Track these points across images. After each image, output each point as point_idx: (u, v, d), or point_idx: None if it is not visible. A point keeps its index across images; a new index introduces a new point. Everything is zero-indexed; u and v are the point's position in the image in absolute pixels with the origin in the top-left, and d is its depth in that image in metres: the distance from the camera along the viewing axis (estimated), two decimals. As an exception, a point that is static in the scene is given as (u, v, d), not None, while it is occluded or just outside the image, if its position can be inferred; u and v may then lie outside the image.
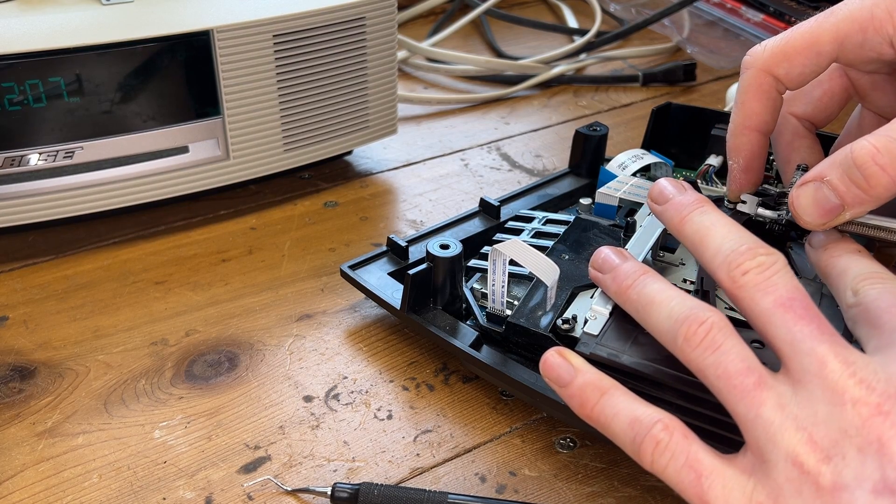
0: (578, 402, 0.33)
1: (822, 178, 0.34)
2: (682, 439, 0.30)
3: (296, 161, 0.59)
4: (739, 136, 0.40)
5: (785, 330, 0.30)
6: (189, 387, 0.45)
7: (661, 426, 0.30)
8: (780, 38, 0.38)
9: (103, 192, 0.52)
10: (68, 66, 0.48)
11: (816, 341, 0.29)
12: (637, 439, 0.30)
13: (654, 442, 0.30)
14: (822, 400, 0.28)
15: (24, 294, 0.51)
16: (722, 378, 0.30)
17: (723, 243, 0.32)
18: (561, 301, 0.42)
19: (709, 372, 0.30)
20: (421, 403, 0.44)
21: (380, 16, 0.57)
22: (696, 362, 0.31)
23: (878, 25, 0.35)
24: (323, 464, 0.40)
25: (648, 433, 0.30)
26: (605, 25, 0.90)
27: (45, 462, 0.40)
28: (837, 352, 0.29)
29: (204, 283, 0.52)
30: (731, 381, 0.30)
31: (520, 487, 0.40)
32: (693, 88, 0.79)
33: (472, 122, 0.72)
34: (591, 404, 0.32)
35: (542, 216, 0.51)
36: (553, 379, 0.34)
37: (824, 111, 0.42)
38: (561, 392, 0.33)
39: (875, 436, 0.27)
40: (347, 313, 0.50)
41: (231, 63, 0.52)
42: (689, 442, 0.30)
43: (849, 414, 0.28)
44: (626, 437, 0.31)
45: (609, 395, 0.32)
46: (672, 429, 0.30)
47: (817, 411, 0.28)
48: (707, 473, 0.29)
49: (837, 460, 0.27)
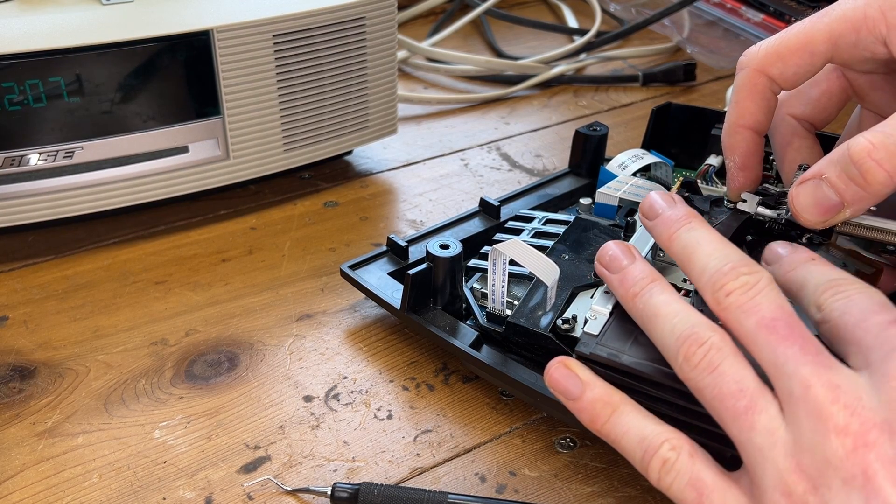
0: (589, 417, 0.33)
1: (821, 176, 0.34)
2: (687, 458, 0.31)
3: (296, 161, 0.59)
4: (734, 134, 0.41)
5: (769, 351, 0.30)
6: (189, 387, 0.45)
7: (668, 446, 0.31)
8: (774, 38, 0.38)
9: (103, 192, 0.52)
10: (68, 66, 0.48)
11: (799, 363, 0.29)
12: (646, 457, 0.31)
13: (662, 461, 0.31)
14: (808, 426, 0.28)
15: (24, 294, 0.51)
16: (716, 399, 0.30)
17: (707, 262, 0.33)
18: (561, 301, 0.42)
19: (705, 393, 0.31)
20: (421, 403, 0.44)
21: (380, 16, 0.57)
22: (693, 382, 0.31)
23: (872, 25, 0.35)
24: (323, 464, 0.40)
25: (657, 452, 0.31)
26: (605, 25, 0.90)
27: (45, 462, 0.40)
28: (821, 374, 0.28)
29: (204, 283, 0.52)
30: (724, 402, 0.30)
31: (520, 487, 0.40)
32: (693, 88, 0.79)
33: (472, 122, 0.72)
34: (601, 420, 0.33)
35: (542, 216, 0.51)
36: (561, 392, 0.34)
37: (823, 112, 0.42)
38: (570, 405, 0.34)
39: (860, 468, 0.27)
40: (347, 313, 0.50)
41: (231, 63, 0.52)
42: (693, 461, 0.31)
43: (833, 444, 0.27)
44: (635, 454, 0.32)
45: (619, 413, 0.33)
46: (679, 448, 0.31)
47: (804, 437, 0.28)
48: (708, 493, 0.30)
49: (824, 491, 0.27)
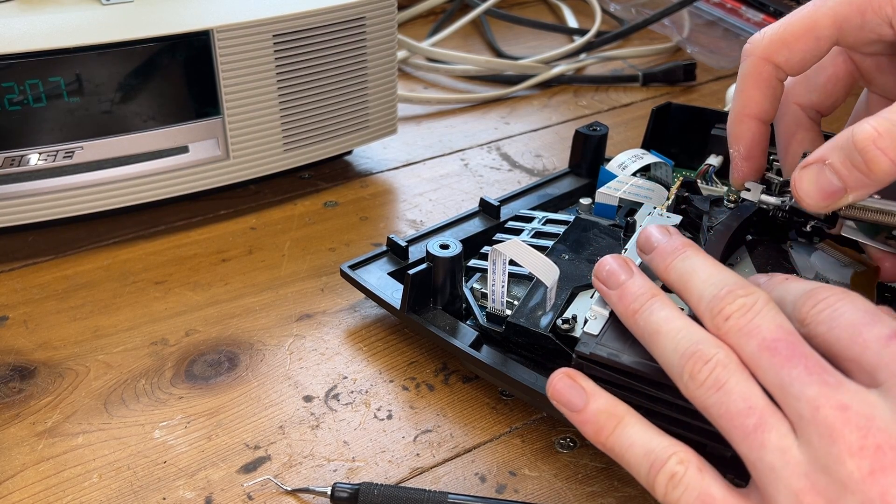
0: (593, 430, 0.33)
1: (824, 161, 0.34)
2: (696, 473, 0.30)
3: (296, 161, 0.59)
4: (739, 123, 0.40)
5: (773, 374, 0.29)
6: (189, 387, 0.45)
7: (676, 459, 0.30)
8: (778, 24, 0.38)
9: (103, 192, 0.52)
10: (68, 66, 0.48)
11: (805, 384, 0.28)
12: (652, 471, 0.31)
13: (669, 475, 0.30)
14: (821, 448, 0.27)
15: (24, 294, 0.51)
16: (724, 417, 0.29)
17: (704, 289, 0.32)
18: (561, 301, 0.42)
19: (712, 411, 0.30)
20: (421, 403, 0.44)
21: (380, 16, 0.57)
22: (700, 400, 0.30)
23: (877, 7, 0.35)
24: (323, 464, 0.40)
25: (664, 466, 0.30)
26: (605, 25, 0.90)
27: (45, 462, 0.40)
28: (829, 395, 0.28)
29: (204, 283, 0.52)
30: (732, 421, 0.29)
31: (520, 487, 0.40)
32: (693, 88, 0.79)
33: (472, 122, 0.72)
34: (605, 433, 0.32)
35: (542, 216, 0.51)
36: (564, 403, 0.33)
37: (830, 97, 0.42)
38: (573, 417, 0.33)
39: (877, 492, 0.26)
40: (347, 313, 0.50)
41: (231, 63, 0.52)
42: (702, 475, 0.30)
43: (849, 466, 0.27)
44: (640, 468, 0.31)
45: (624, 425, 0.32)
46: (687, 462, 0.30)
47: (818, 458, 0.27)
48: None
49: None
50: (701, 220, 0.44)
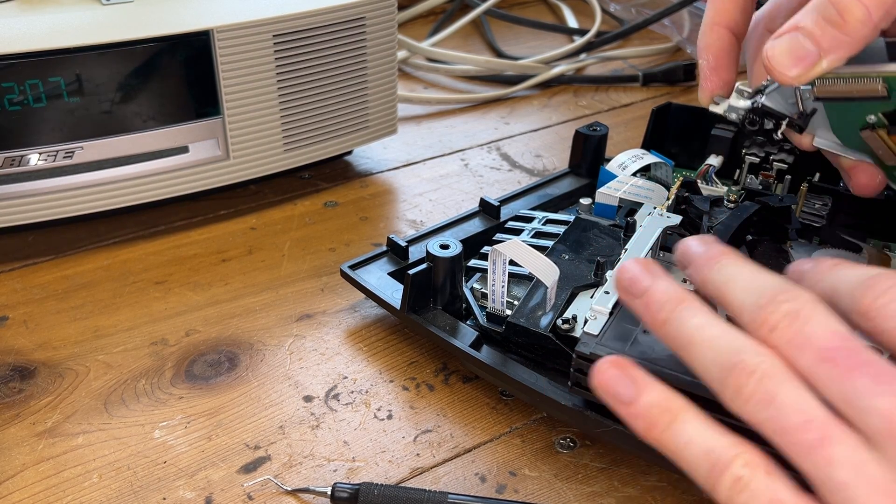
0: (644, 425, 0.29)
1: (797, 27, 0.33)
2: (765, 477, 0.27)
3: (296, 161, 0.59)
4: (709, 33, 0.40)
5: (836, 388, 0.26)
6: (189, 387, 0.45)
7: (741, 461, 0.27)
8: None
9: (103, 192, 0.52)
10: (68, 66, 0.48)
11: (875, 394, 0.26)
12: (713, 473, 0.27)
13: (734, 478, 0.27)
14: None
15: (24, 294, 0.51)
16: (779, 434, 0.27)
17: (744, 299, 0.29)
18: (561, 301, 0.42)
19: (765, 427, 0.27)
20: (421, 403, 0.44)
21: (380, 16, 0.57)
22: (749, 417, 0.27)
23: None
24: (323, 464, 0.40)
25: (728, 469, 0.27)
26: (605, 25, 0.90)
27: (45, 462, 0.40)
28: None
29: (204, 283, 0.52)
30: (790, 437, 0.26)
31: (520, 487, 0.40)
32: (693, 88, 0.79)
33: (472, 122, 0.72)
34: (659, 428, 0.29)
35: (542, 216, 0.51)
36: (611, 395, 0.30)
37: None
38: (621, 410, 0.30)
39: None
40: (347, 313, 0.50)
41: (231, 63, 0.52)
42: (772, 480, 0.27)
43: None
44: (700, 468, 0.28)
45: (681, 420, 0.29)
46: (754, 465, 0.27)
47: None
48: None
49: None
50: (701, 220, 0.44)
